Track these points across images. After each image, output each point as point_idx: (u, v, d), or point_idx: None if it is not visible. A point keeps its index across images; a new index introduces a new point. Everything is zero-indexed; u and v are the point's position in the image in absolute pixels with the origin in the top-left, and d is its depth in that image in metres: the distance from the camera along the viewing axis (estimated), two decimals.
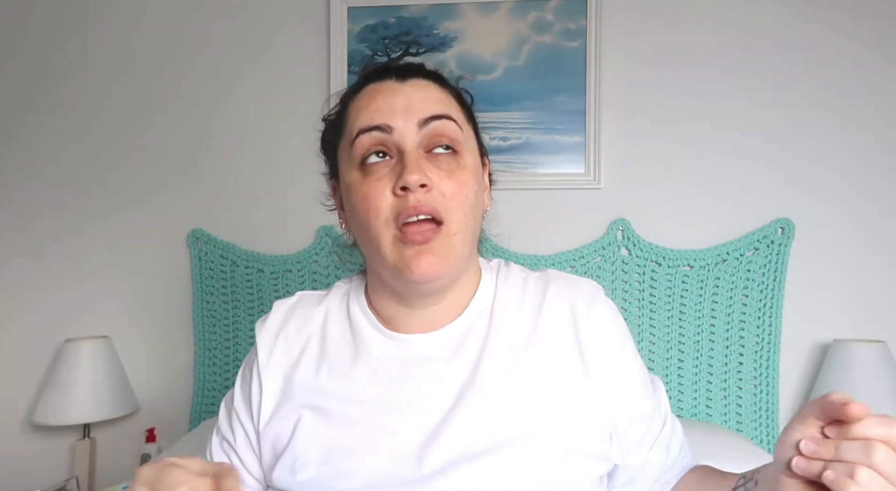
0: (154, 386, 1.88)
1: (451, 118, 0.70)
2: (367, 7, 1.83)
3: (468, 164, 0.71)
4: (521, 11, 1.79)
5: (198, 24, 1.91)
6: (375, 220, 0.68)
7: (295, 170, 1.86)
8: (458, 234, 0.68)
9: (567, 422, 0.68)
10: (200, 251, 1.86)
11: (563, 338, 0.73)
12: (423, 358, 0.72)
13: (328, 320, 0.78)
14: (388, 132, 0.68)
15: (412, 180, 0.65)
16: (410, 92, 0.70)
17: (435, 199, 0.66)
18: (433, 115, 0.69)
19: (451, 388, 0.70)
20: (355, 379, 0.72)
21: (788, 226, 1.67)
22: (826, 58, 1.71)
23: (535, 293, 0.76)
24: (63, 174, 1.93)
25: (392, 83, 0.71)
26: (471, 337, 0.73)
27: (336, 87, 1.83)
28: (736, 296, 1.68)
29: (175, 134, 1.91)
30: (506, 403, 0.69)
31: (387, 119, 0.68)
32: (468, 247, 0.71)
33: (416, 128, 0.68)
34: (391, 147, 0.68)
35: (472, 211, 0.70)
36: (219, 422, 0.80)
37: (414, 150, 0.67)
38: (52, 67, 1.95)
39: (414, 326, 0.75)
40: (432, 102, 0.70)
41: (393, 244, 0.68)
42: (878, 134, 1.69)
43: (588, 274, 1.73)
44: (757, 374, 1.66)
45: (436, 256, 0.66)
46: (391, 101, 0.69)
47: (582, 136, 1.76)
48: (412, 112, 0.68)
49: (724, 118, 1.73)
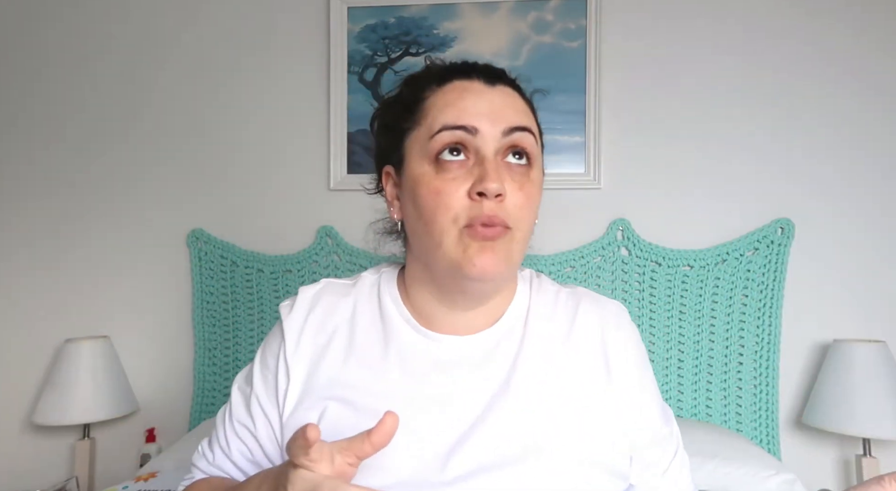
0: (154, 386, 1.88)
1: (531, 131, 0.71)
2: (367, 7, 1.83)
3: (536, 178, 0.72)
4: (521, 11, 1.79)
5: (198, 23, 1.91)
6: (443, 217, 0.67)
7: (295, 170, 1.86)
8: (521, 241, 0.70)
9: (592, 437, 0.69)
10: (200, 251, 1.86)
11: (592, 353, 0.74)
12: (455, 360, 0.72)
13: (357, 311, 0.77)
14: (473, 134, 0.68)
15: (491, 188, 0.65)
16: (498, 98, 0.70)
17: (506, 210, 0.67)
18: (518, 125, 0.69)
19: (482, 394, 0.70)
20: (384, 373, 0.71)
21: (788, 226, 1.67)
22: (826, 58, 1.71)
23: (567, 307, 0.77)
24: (63, 174, 1.93)
25: (480, 85, 0.71)
26: (505, 344, 0.73)
27: (336, 87, 1.83)
28: (736, 296, 1.68)
29: (175, 134, 1.91)
30: (535, 413, 0.69)
31: (473, 121, 0.68)
32: (522, 254, 0.72)
33: (500, 135, 0.68)
34: (470, 148, 0.68)
35: (534, 222, 0.72)
36: (231, 407, 0.77)
37: (493, 157, 0.68)
38: (52, 67, 1.95)
39: (450, 326, 0.74)
40: (517, 112, 0.71)
41: (458, 238, 0.67)
42: (879, 134, 1.69)
43: (588, 274, 1.73)
44: (757, 374, 1.66)
45: (498, 254, 0.67)
46: (478, 104, 0.69)
47: (582, 136, 1.76)
48: (499, 118, 0.68)
49: (725, 118, 1.73)
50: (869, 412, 1.47)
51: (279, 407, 0.73)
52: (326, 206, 1.84)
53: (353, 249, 1.80)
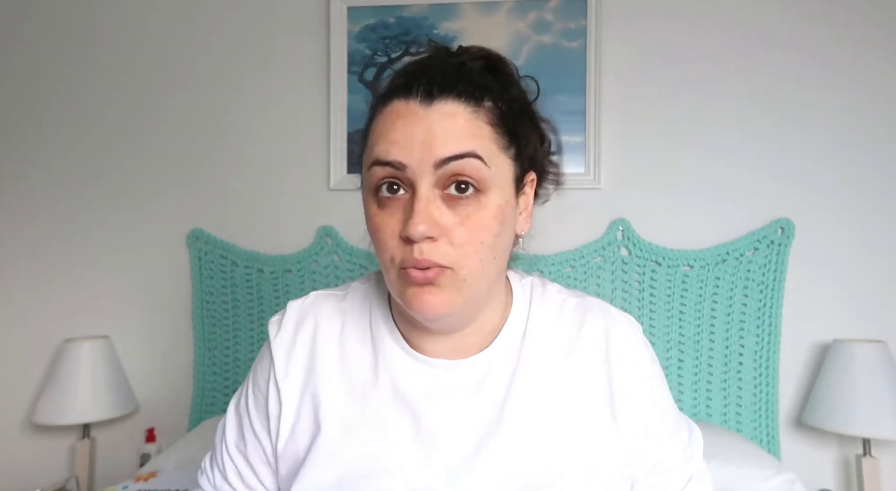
0: (154, 386, 1.88)
1: (475, 155, 0.61)
2: (367, 7, 1.83)
3: (491, 203, 0.63)
4: (521, 11, 1.79)
5: (198, 24, 1.91)
6: (384, 255, 0.64)
7: (295, 170, 1.86)
8: (469, 279, 0.63)
9: (592, 467, 0.66)
10: (200, 251, 1.86)
11: (595, 373, 0.70)
12: (450, 387, 0.68)
13: (346, 330, 0.73)
14: (401, 170, 0.61)
15: (415, 233, 0.59)
16: (434, 122, 0.61)
17: (440, 250, 0.61)
18: (453, 154, 0.60)
19: (477, 424, 0.67)
20: (376, 401, 0.68)
21: (788, 226, 1.67)
22: (826, 58, 1.71)
23: (573, 320, 0.72)
24: (63, 174, 1.93)
25: (416, 107, 0.62)
26: (499, 366, 0.69)
27: (336, 87, 1.83)
28: (736, 296, 1.68)
29: (175, 134, 1.91)
30: (532, 445, 0.66)
31: (401, 155, 0.61)
32: (486, 285, 0.65)
33: (432, 168, 0.60)
34: (406, 183, 0.62)
35: (491, 252, 0.63)
36: (227, 423, 0.76)
37: (426, 193, 0.61)
38: (53, 68, 1.95)
39: (439, 350, 0.70)
40: (457, 137, 0.61)
41: (398, 279, 0.63)
42: (878, 134, 1.69)
43: (588, 274, 1.73)
44: (757, 374, 1.66)
45: (439, 296, 0.61)
46: (410, 133, 0.61)
47: (582, 136, 1.76)
48: (430, 149, 0.60)
49: (725, 118, 1.73)
50: (869, 412, 1.47)
51: (271, 435, 0.71)
52: (326, 206, 1.84)
53: (353, 249, 1.80)
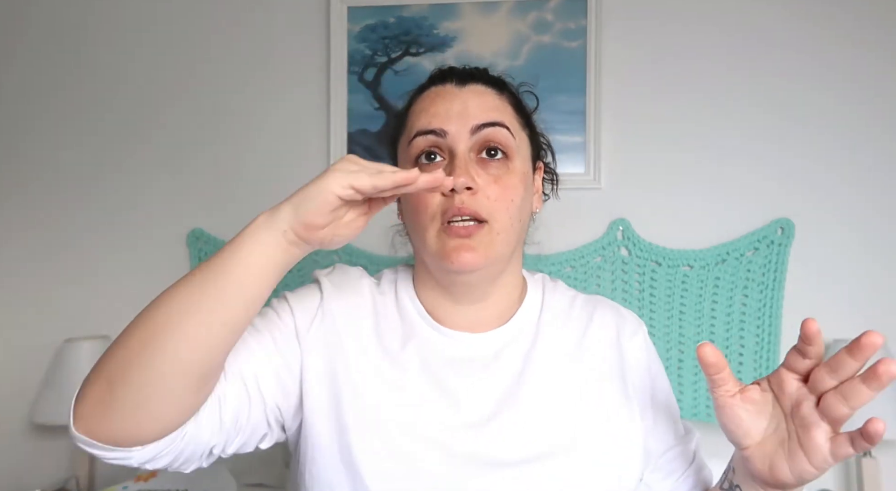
0: None
1: (503, 125, 0.72)
2: (367, 7, 1.83)
3: (517, 169, 0.73)
4: (521, 11, 1.79)
5: (197, 24, 1.91)
6: (424, 215, 0.72)
7: (295, 169, 1.86)
8: (502, 232, 0.71)
9: (604, 439, 0.70)
10: (200, 251, 1.86)
11: (607, 358, 0.75)
12: (467, 357, 0.74)
13: (378, 301, 0.80)
14: (443, 136, 0.72)
15: (458, 183, 0.68)
16: (468, 98, 0.73)
17: (479, 202, 0.70)
18: (486, 122, 0.71)
19: (494, 393, 0.71)
20: (404, 364, 0.73)
21: (788, 226, 1.67)
22: (826, 58, 1.71)
23: (583, 312, 0.79)
24: (63, 175, 1.93)
25: (452, 88, 0.74)
26: (516, 343, 0.75)
27: (336, 87, 1.83)
28: (736, 296, 1.68)
29: (175, 134, 1.91)
30: (545, 413, 0.70)
31: (442, 123, 0.72)
32: (511, 245, 0.73)
33: (469, 133, 0.71)
34: (444, 149, 0.72)
35: (519, 212, 0.73)
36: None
37: (464, 155, 0.71)
38: (52, 69, 1.95)
39: (460, 322, 0.76)
40: (487, 109, 0.73)
41: (437, 235, 0.71)
42: (878, 134, 1.69)
43: (588, 274, 1.73)
44: (757, 374, 1.66)
45: (475, 249, 0.69)
46: (448, 106, 0.72)
47: (582, 136, 1.76)
48: (467, 118, 0.71)
49: (725, 118, 1.73)
50: (869, 412, 1.46)
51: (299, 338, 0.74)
52: None
53: (354, 249, 1.80)
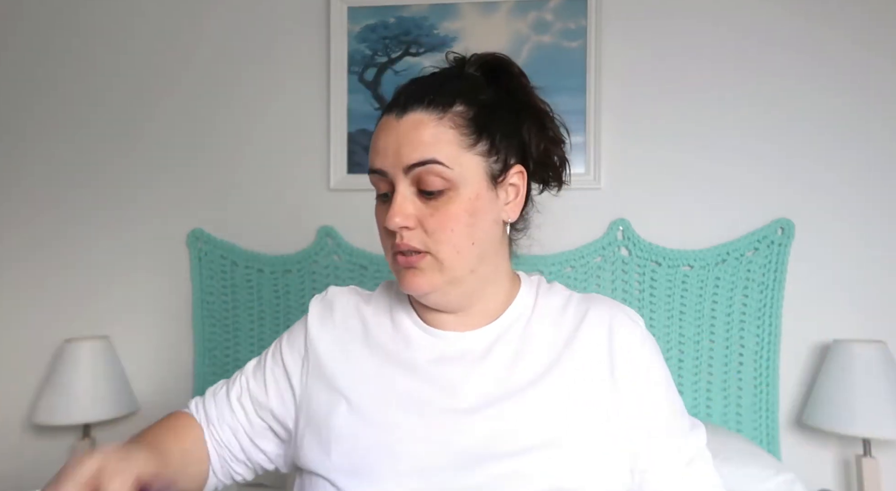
0: (154, 386, 1.88)
1: (435, 161, 0.70)
2: (367, 7, 1.83)
3: (461, 196, 0.72)
4: (521, 11, 1.79)
5: (197, 23, 1.91)
6: (384, 242, 0.77)
7: (295, 170, 1.86)
8: (447, 260, 0.72)
9: (592, 435, 0.70)
10: (200, 251, 1.86)
11: (596, 353, 0.75)
12: (458, 354, 0.76)
13: (371, 313, 0.84)
14: (385, 175, 0.73)
15: (391, 224, 0.71)
16: (402, 132, 0.71)
17: (416, 237, 0.72)
18: (415, 162, 0.70)
19: (482, 388, 0.73)
20: (396, 366, 0.77)
21: (788, 226, 1.67)
22: (826, 58, 1.71)
23: (577, 311, 0.79)
24: (63, 174, 1.93)
25: (392, 119, 0.73)
26: (506, 339, 0.77)
27: (336, 87, 1.83)
28: (736, 296, 1.68)
29: (175, 134, 1.91)
30: (536, 409, 0.71)
31: (382, 163, 0.73)
32: (468, 265, 0.74)
33: (402, 173, 0.71)
34: (389, 185, 0.74)
35: (467, 238, 0.73)
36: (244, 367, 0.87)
37: (403, 191, 0.72)
38: (50, 66, 1.95)
39: (447, 323, 0.79)
40: (418, 146, 0.70)
41: (393, 261, 0.76)
42: (878, 134, 1.69)
43: (588, 274, 1.73)
44: (757, 374, 1.66)
45: (424, 274, 0.73)
46: (385, 143, 0.72)
47: (582, 136, 1.76)
48: (399, 157, 0.71)
49: (725, 118, 1.73)
50: (869, 412, 1.47)
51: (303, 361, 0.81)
52: (326, 207, 1.84)
53: (354, 249, 1.80)
